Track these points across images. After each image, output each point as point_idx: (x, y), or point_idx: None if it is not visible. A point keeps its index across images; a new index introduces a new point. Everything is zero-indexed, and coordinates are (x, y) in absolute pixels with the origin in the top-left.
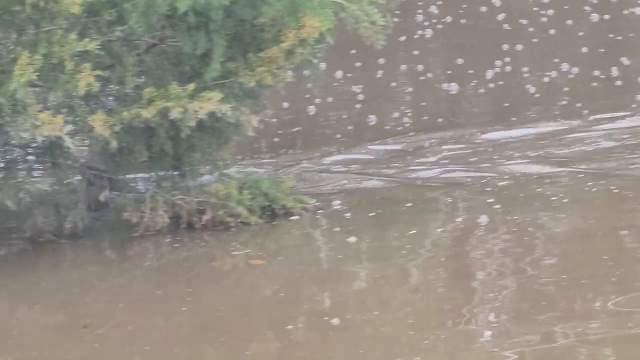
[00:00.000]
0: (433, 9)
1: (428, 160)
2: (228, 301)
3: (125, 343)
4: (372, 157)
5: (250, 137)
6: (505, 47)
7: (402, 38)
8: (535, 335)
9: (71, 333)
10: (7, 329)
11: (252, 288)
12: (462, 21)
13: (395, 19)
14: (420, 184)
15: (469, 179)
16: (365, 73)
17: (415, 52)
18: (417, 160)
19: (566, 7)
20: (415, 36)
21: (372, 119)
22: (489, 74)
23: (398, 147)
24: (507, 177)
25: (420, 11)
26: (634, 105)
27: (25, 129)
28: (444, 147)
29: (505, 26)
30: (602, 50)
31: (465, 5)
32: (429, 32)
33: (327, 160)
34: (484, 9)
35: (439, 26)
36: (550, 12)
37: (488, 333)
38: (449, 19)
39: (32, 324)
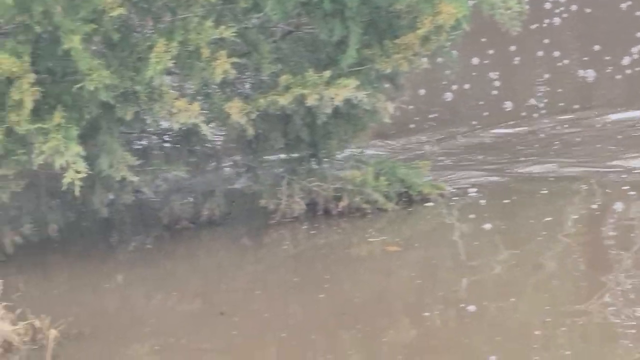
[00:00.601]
0: None
1: (563, 146)
2: (364, 288)
3: (261, 331)
4: (506, 142)
5: (387, 124)
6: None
7: (533, 26)
8: None
9: (208, 320)
10: (144, 317)
11: (388, 275)
12: (587, 10)
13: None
14: (556, 169)
15: (604, 166)
16: (501, 60)
17: (546, 40)
18: (552, 147)
19: None
20: (544, 24)
21: (508, 105)
22: (626, 60)
23: (533, 132)
24: None
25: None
26: None
27: (161, 116)
28: (578, 132)
29: (638, 14)
30: None
31: None
32: (557, 20)
33: (463, 145)
34: None
35: (565, 15)
36: None
37: (629, 323)
38: (574, 7)
39: (168, 311)
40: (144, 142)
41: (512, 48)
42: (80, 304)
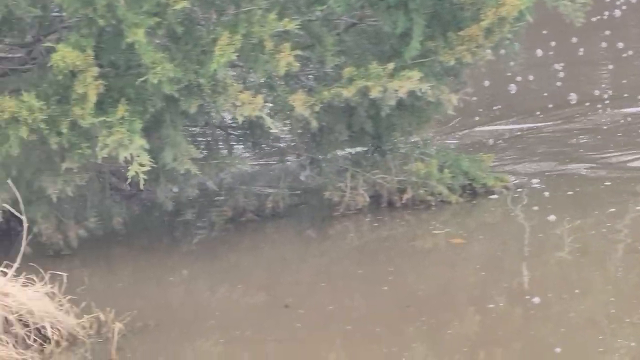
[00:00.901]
0: None
1: (627, 137)
2: (428, 280)
3: (325, 323)
4: (569, 133)
5: (450, 115)
6: None
7: (594, 18)
8: None
9: (272, 313)
10: (209, 310)
11: (452, 267)
12: None
13: None
14: (619, 161)
15: None
16: (565, 51)
17: (607, 32)
18: (616, 139)
19: None
20: (604, 16)
21: (572, 97)
22: None
23: (597, 123)
24: None
25: None
26: None
27: (225, 109)
28: None
29: None
30: None
31: None
32: (617, 12)
33: (527, 137)
34: None
35: (625, 7)
36: None
37: None
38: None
39: (233, 304)
40: (207, 135)
41: (574, 40)
42: (144, 297)
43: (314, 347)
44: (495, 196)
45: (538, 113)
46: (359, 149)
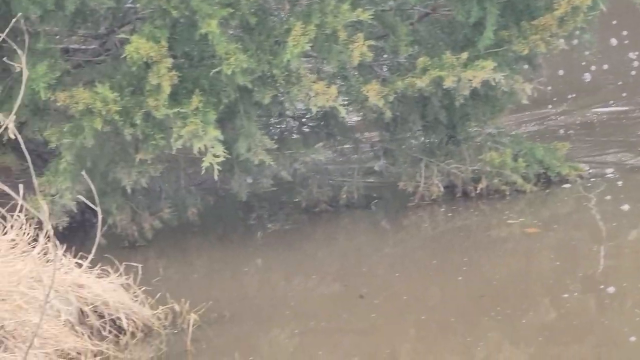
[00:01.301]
0: None
1: None
2: (503, 270)
3: (401, 313)
4: None
5: (524, 105)
6: None
7: None
8: None
9: (347, 303)
10: (285, 300)
11: (527, 257)
12: None
13: None
14: None
15: None
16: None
17: None
18: None
19: None
20: None
21: None
22: None
23: None
24: None
25: None
26: None
27: (299, 99)
28: None
29: None
30: None
31: None
32: None
33: (602, 126)
34: None
35: None
36: None
37: None
38: None
39: (308, 294)
40: (282, 126)
41: None
42: (219, 287)
43: (390, 337)
44: (568, 185)
45: (612, 102)
46: (433, 138)
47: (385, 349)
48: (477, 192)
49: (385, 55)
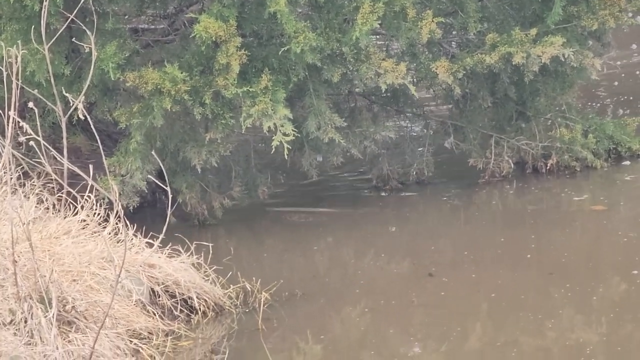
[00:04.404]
0: None
1: None
2: (572, 247)
3: (470, 291)
4: None
5: (594, 80)
6: None
7: None
8: None
9: (417, 281)
10: (355, 278)
11: (595, 234)
12: None
13: None
14: None
15: None
16: None
17: None
18: None
19: None
20: None
21: None
22: None
23: None
24: None
25: None
26: None
27: (368, 77)
28: None
29: None
30: None
31: None
32: None
33: None
34: None
35: None
36: None
37: None
38: None
39: (378, 272)
40: (351, 104)
41: None
42: (290, 266)
43: (460, 315)
44: None
45: None
46: (502, 115)
47: (456, 326)
48: (547, 168)
49: (454, 32)
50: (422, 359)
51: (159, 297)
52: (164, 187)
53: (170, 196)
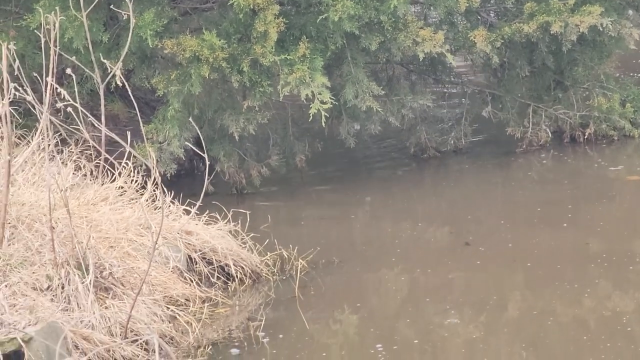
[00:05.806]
0: None
1: None
2: (608, 216)
3: (506, 261)
4: None
5: (632, 50)
6: None
7: None
8: None
9: (453, 250)
10: (392, 246)
11: (631, 204)
12: None
13: None
14: None
15: None
16: None
17: None
18: None
19: None
20: None
21: None
22: None
23: None
24: None
25: None
26: None
27: (406, 45)
28: None
29: None
30: None
31: None
32: None
33: None
34: None
35: None
36: None
37: None
38: None
39: (415, 240)
40: (389, 72)
41: None
42: (327, 234)
43: (497, 284)
44: None
45: None
46: (540, 84)
47: (493, 295)
48: (585, 137)
49: (492, 1)
50: (458, 328)
51: (196, 264)
52: (202, 154)
53: (207, 164)
